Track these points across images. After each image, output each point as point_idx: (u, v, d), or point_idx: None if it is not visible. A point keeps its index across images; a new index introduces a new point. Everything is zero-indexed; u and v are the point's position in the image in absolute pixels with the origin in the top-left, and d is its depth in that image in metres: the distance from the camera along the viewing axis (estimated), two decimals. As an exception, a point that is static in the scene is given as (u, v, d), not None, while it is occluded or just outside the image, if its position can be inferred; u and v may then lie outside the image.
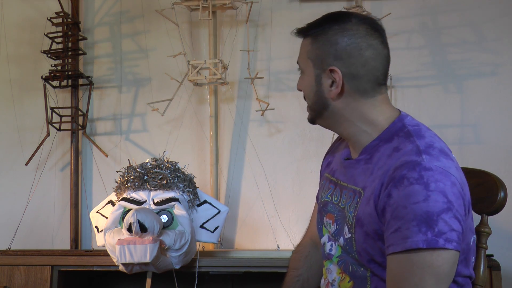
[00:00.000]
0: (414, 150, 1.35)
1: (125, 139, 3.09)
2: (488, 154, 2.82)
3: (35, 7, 3.16)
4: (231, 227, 2.96)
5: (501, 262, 2.48)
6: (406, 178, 1.30)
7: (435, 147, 1.36)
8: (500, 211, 1.68)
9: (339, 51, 1.42)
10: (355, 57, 1.41)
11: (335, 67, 1.42)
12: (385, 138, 1.43)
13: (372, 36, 1.42)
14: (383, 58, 1.44)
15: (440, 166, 1.32)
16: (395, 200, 1.31)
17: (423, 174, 1.29)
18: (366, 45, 1.41)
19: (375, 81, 1.43)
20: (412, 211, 1.28)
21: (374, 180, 1.38)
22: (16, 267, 2.67)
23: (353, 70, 1.41)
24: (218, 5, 2.85)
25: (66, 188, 3.07)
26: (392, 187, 1.32)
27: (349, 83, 1.42)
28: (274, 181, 2.95)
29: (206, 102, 3.01)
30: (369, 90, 1.43)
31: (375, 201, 1.36)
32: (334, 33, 1.43)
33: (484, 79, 2.88)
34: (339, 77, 1.42)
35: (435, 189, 1.28)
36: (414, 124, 1.44)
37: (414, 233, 1.27)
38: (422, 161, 1.31)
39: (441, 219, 1.27)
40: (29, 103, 3.13)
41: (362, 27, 1.42)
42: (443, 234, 1.27)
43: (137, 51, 3.11)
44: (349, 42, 1.41)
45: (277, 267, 2.60)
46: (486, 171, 1.71)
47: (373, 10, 2.89)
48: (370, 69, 1.42)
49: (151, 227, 2.34)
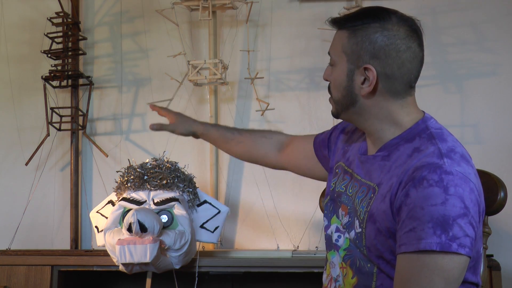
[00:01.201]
0: (436, 153, 1.35)
1: (125, 139, 3.09)
2: (488, 154, 2.82)
3: (35, 7, 3.16)
4: (231, 227, 2.96)
5: (501, 262, 2.49)
6: (426, 179, 1.30)
7: (456, 152, 1.37)
8: (500, 211, 1.68)
9: (377, 50, 1.40)
10: (393, 58, 1.40)
11: (370, 66, 1.40)
12: (406, 138, 1.42)
13: (411, 38, 1.42)
14: (419, 61, 1.44)
15: (461, 171, 1.32)
16: (412, 200, 1.30)
17: (444, 178, 1.30)
18: (405, 47, 1.41)
19: (408, 83, 1.43)
20: (429, 212, 1.28)
21: (391, 178, 1.38)
22: (16, 267, 2.68)
23: (388, 70, 1.40)
24: (218, 5, 2.85)
25: (66, 188, 3.07)
26: (411, 187, 1.31)
27: (383, 83, 1.41)
28: (274, 181, 2.95)
29: (206, 102, 3.01)
30: (401, 91, 1.43)
31: (391, 199, 1.35)
32: (374, 30, 1.41)
33: (484, 79, 2.88)
34: (373, 76, 1.40)
35: (454, 194, 1.28)
36: (438, 127, 1.45)
37: (429, 235, 1.27)
38: (444, 164, 1.32)
39: (456, 223, 1.27)
40: (29, 103, 3.13)
41: (403, 28, 1.42)
42: (457, 239, 1.27)
43: (137, 51, 3.11)
44: (388, 43, 1.40)
45: (277, 267, 2.61)
46: (486, 171, 1.71)
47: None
48: (406, 71, 1.41)
49: (151, 227, 2.34)
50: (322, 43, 2.96)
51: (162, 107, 1.96)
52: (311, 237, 2.88)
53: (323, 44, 2.96)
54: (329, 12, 2.94)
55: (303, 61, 2.98)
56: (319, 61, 2.96)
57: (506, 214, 1.88)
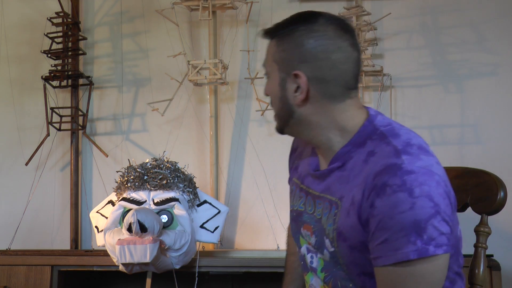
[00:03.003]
0: (392, 152, 1.27)
1: (125, 139, 3.09)
2: (488, 154, 2.82)
3: (35, 7, 3.16)
4: (231, 227, 2.96)
5: (501, 262, 2.48)
6: (389, 185, 1.22)
7: (413, 144, 1.28)
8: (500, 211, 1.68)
9: (305, 54, 1.32)
10: (322, 60, 1.32)
11: (299, 72, 1.32)
12: (357, 143, 1.34)
13: (341, 38, 1.33)
14: (353, 62, 1.34)
15: (422, 166, 1.24)
16: (379, 210, 1.23)
17: (406, 179, 1.22)
18: (334, 47, 1.32)
19: (344, 86, 1.34)
20: (399, 221, 1.21)
21: (351, 189, 1.30)
22: (16, 267, 2.67)
23: (320, 74, 1.32)
24: (218, 5, 2.85)
25: (66, 188, 3.07)
26: (375, 197, 1.24)
27: (316, 87, 1.33)
28: (274, 181, 2.95)
29: (206, 102, 3.01)
30: (338, 94, 1.34)
31: (358, 212, 1.28)
32: (300, 34, 1.33)
33: (484, 79, 2.88)
34: (304, 82, 1.32)
35: (420, 194, 1.21)
36: (386, 123, 1.35)
37: (404, 244, 1.21)
38: (403, 163, 1.24)
39: (430, 225, 1.21)
40: (29, 103, 3.14)
41: (331, 28, 1.34)
42: (432, 240, 1.21)
43: (137, 51, 3.11)
44: (315, 44, 1.32)
45: (277, 267, 2.60)
46: (486, 171, 1.71)
47: (373, 10, 2.89)
48: (339, 73, 1.32)
49: (151, 227, 2.34)
50: (322, 43, 2.96)
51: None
52: (311, 237, 2.87)
53: (323, 44, 2.95)
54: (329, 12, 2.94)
55: (303, 61, 2.98)
56: (319, 61, 2.96)
57: (506, 214, 1.87)
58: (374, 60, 2.85)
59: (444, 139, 2.86)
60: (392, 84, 2.86)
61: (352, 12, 2.81)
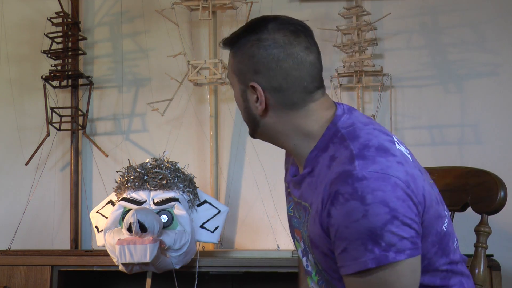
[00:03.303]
0: (348, 157, 1.24)
1: (125, 139, 3.09)
2: (488, 154, 2.82)
3: (35, 7, 3.16)
4: (231, 227, 2.96)
5: (501, 262, 2.48)
6: (341, 194, 1.20)
7: (370, 146, 1.24)
8: (500, 211, 1.68)
9: (257, 65, 1.30)
10: (274, 69, 1.29)
11: (254, 83, 1.31)
12: (321, 147, 1.32)
13: (291, 45, 1.30)
14: (308, 66, 1.31)
15: (376, 169, 1.20)
16: (335, 219, 1.21)
17: (357, 187, 1.18)
18: (284, 55, 1.29)
19: (302, 91, 1.31)
20: (354, 230, 1.18)
21: (318, 196, 1.28)
22: (16, 267, 2.67)
23: (274, 83, 1.30)
24: (218, 5, 2.85)
25: (66, 188, 3.07)
26: (330, 206, 1.22)
27: (274, 97, 1.31)
28: (274, 181, 2.95)
29: (206, 102, 3.01)
30: (298, 101, 1.32)
31: (320, 221, 1.26)
32: (251, 45, 1.31)
33: (484, 79, 2.88)
34: (260, 93, 1.31)
35: (373, 201, 1.17)
36: (348, 125, 1.31)
37: (361, 253, 1.19)
38: (354, 170, 1.20)
39: (386, 231, 1.18)
40: (29, 103, 3.14)
41: (279, 35, 1.30)
42: (392, 247, 1.18)
43: (137, 51, 3.11)
44: (265, 54, 1.29)
45: (277, 267, 2.60)
46: (486, 170, 1.71)
47: (373, 10, 2.89)
48: (294, 80, 1.30)
49: (151, 227, 2.34)
50: (322, 43, 2.96)
51: None
52: (311, 237, 2.87)
53: (323, 44, 2.96)
54: (329, 12, 2.95)
55: (303, 61, 2.98)
56: (319, 61, 2.96)
57: (506, 214, 1.87)
58: (374, 60, 2.85)
59: (444, 139, 2.86)
60: (392, 84, 2.86)
61: (352, 12, 2.81)
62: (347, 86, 2.90)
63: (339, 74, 2.83)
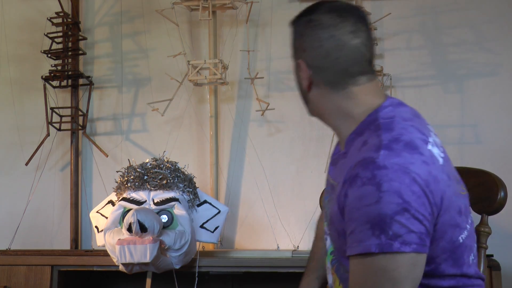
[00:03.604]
0: (376, 145, 1.27)
1: (125, 139, 3.09)
2: (488, 154, 2.82)
3: (35, 7, 3.16)
4: (231, 227, 2.96)
5: (501, 262, 2.48)
6: (359, 177, 1.23)
7: (400, 140, 1.27)
8: (500, 211, 1.68)
9: (304, 44, 1.38)
10: (316, 48, 1.36)
11: (300, 60, 1.39)
12: (358, 132, 1.36)
13: (335, 27, 1.35)
14: (351, 49, 1.35)
15: (398, 162, 1.23)
16: (350, 201, 1.25)
17: (376, 174, 1.22)
18: (327, 36, 1.35)
19: (343, 73, 1.36)
20: (365, 213, 1.21)
21: (342, 177, 1.32)
22: (16, 267, 2.67)
23: (316, 62, 1.37)
24: (218, 5, 2.85)
25: (66, 188, 3.07)
26: (348, 187, 1.26)
27: (316, 75, 1.38)
28: (274, 181, 2.95)
29: (206, 102, 3.01)
30: (338, 82, 1.37)
31: (338, 200, 1.31)
32: (301, 23, 1.40)
33: (484, 79, 2.88)
34: (304, 70, 1.39)
35: (388, 190, 1.20)
36: (388, 116, 1.35)
37: (367, 237, 1.21)
38: (377, 158, 1.23)
39: (395, 221, 1.20)
40: (29, 103, 3.14)
41: (327, 17, 1.36)
42: (398, 237, 1.20)
43: (137, 51, 3.11)
44: (311, 34, 1.37)
45: (277, 267, 2.61)
46: (486, 170, 1.71)
47: (373, 10, 2.89)
48: (334, 61, 1.35)
49: (151, 227, 2.34)
50: (322, 43, 2.96)
51: None
52: (311, 237, 2.85)
53: (323, 44, 2.96)
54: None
55: (303, 61, 2.98)
56: (319, 61, 2.96)
57: (506, 214, 1.88)
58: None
59: (444, 139, 2.84)
60: (392, 84, 2.86)
61: (352, 12, 2.80)
62: (347, 86, 2.90)
63: (339, 74, 2.83)
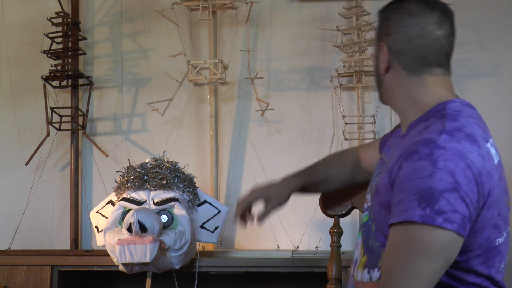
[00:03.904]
0: (438, 130, 1.34)
1: (125, 139, 3.09)
2: (488, 154, 2.82)
3: (35, 7, 3.16)
4: (231, 227, 2.96)
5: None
6: (417, 152, 1.30)
7: (462, 131, 1.34)
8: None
9: (389, 27, 1.47)
10: (400, 33, 1.44)
11: (382, 42, 1.48)
12: (423, 118, 1.42)
13: (422, 16, 1.43)
14: (433, 39, 1.43)
15: (456, 147, 1.29)
16: (403, 172, 1.31)
17: (434, 151, 1.28)
18: (412, 22, 1.43)
19: (421, 60, 1.44)
20: (415, 185, 1.27)
21: (398, 152, 1.40)
22: (16, 267, 2.67)
23: (398, 46, 1.45)
24: (218, 5, 2.85)
25: (66, 188, 3.07)
26: (404, 160, 1.32)
27: (395, 58, 1.46)
28: (274, 181, 2.94)
29: (206, 102, 3.01)
30: (414, 68, 1.45)
31: (390, 172, 1.37)
32: (389, 10, 1.49)
33: (484, 79, 2.88)
34: (385, 52, 1.47)
35: (443, 167, 1.26)
36: (456, 109, 1.41)
37: (413, 207, 1.26)
38: (438, 139, 1.30)
39: (443, 197, 1.25)
40: (29, 103, 3.13)
41: (415, 6, 1.44)
42: (443, 213, 1.25)
43: (137, 51, 3.11)
44: (398, 19, 1.45)
45: (277, 267, 2.61)
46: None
47: (373, 10, 2.88)
48: (415, 47, 1.43)
49: (151, 227, 2.34)
50: (322, 43, 2.96)
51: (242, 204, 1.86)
52: (311, 237, 2.87)
53: (323, 44, 2.96)
54: (329, 12, 2.95)
55: (303, 61, 2.98)
56: (319, 61, 2.96)
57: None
58: (374, 60, 2.85)
59: (444, 139, 2.86)
60: (392, 84, 2.85)
61: (352, 12, 2.81)
62: (347, 86, 2.90)
63: (339, 74, 2.83)
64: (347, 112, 2.86)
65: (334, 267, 1.97)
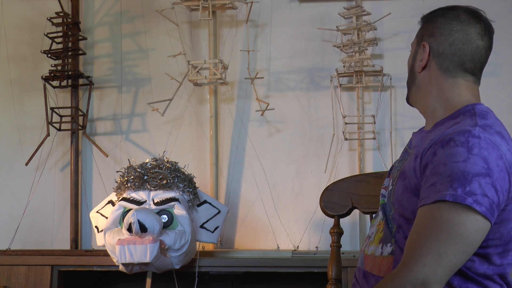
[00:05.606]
0: (471, 124, 1.41)
1: (125, 139, 3.09)
2: (488, 154, 2.82)
3: (35, 7, 3.17)
4: (231, 227, 2.96)
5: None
6: (453, 140, 1.37)
7: (492, 128, 1.42)
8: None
9: (434, 28, 1.55)
10: (445, 35, 1.53)
11: (426, 42, 1.55)
12: (452, 117, 1.49)
13: (468, 24, 1.52)
14: (474, 47, 1.52)
15: (490, 138, 1.37)
16: (438, 157, 1.37)
17: (470, 140, 1.35)
18: (458, 28, 1.52)
19: (460, 64, 1.52)
20: (450, 168, 1.33)
21: (426, 141, 1.46)
22: (16, 267, 2.67)
23: (440, 47, 1.53)
24: (218, 5, 2.85)
25: (66, 188, 3.07)
26: (439, 147, 1.38)
27: (435, 59, 1.54)
28: (274, 181, 2.95)
29: (206, 102, 3.01)
30: (451, 69, 1.53)
31: (421, 157, 1.42)
32: (438, 13, 1.58)
33: (484, 79, 2.85)
34: (426, 51, 1.54)
35: (477, 154, 1.33)
36: (484, 110, 1.50)
37: (445, 188, 1.32)
38: (473, 130, 1.37)
39: (475, 180, 1.31)
40: (29, 103, 3.14)
41: (464, 14, 1.54)
42: (473, 195, 1.30)
43: (137, 51, 3.11)
44: (444, 22, 1.54)
45: (277, 267, 2.61)
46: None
47: (373, 10, 2.89)
48: (456, 51, 1.52)
49: (151, 227, 2.34)
50: (322, 43, 2.96)
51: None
52: (311, 237, 2.88)
53: (323, 44, 2.96)
54: (329, 12, 2.95)
55: (303, 61, 2.98)
56: (319, 61, 2.97)
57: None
58: (374, 60, 2.85)
59: (444, 139, 2.86)
60: (392, 84, 2.86)
61: (352, 12, 2.81)
62: (347, 86, 2.90)
63: (339, 74, 2.83)
64: (347, 112, 2.87)
65: (334, 267, 1.96)
